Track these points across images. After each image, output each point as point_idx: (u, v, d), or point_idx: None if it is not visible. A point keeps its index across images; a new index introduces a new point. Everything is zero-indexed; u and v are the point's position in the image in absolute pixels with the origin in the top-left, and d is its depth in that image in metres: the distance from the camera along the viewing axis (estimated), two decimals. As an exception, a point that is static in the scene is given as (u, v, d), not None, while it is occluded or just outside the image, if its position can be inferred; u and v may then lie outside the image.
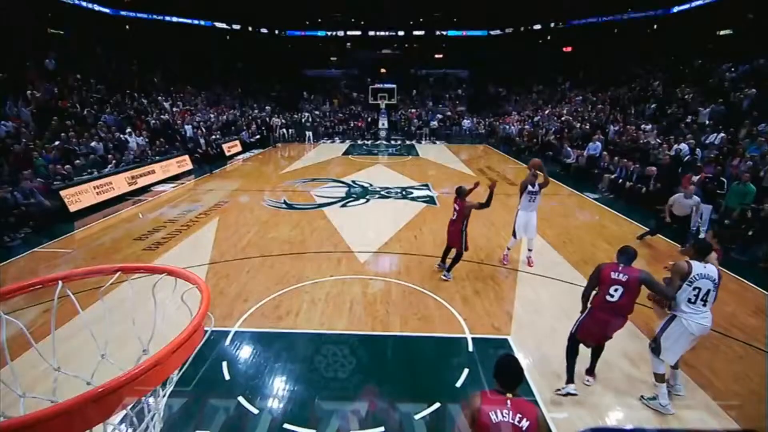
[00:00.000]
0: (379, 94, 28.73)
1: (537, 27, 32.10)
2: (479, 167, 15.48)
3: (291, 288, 5.73)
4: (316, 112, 27.38)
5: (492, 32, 33.71)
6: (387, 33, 34.55)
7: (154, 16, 28.49)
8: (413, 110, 27.96)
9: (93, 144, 11.78)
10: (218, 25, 31.43)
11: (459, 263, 6.08)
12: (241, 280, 5.98)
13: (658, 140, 12.44)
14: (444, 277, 6.01)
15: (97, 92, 16.50)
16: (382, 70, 30.28)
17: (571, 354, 3.73)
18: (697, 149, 10.86)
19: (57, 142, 10.97)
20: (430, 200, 10.55)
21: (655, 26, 26.39)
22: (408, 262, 6.65)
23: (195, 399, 3.57)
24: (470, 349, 4.40)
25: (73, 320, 3.68)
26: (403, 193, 11.29)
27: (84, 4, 24.68)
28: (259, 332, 4.72)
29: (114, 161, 11.70)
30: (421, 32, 34.50)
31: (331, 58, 35.23)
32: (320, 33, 34.65)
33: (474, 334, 4.64)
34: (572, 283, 5.87)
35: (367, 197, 10.85)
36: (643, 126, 14.28)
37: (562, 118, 19.32)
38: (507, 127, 21.99)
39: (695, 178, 8.39)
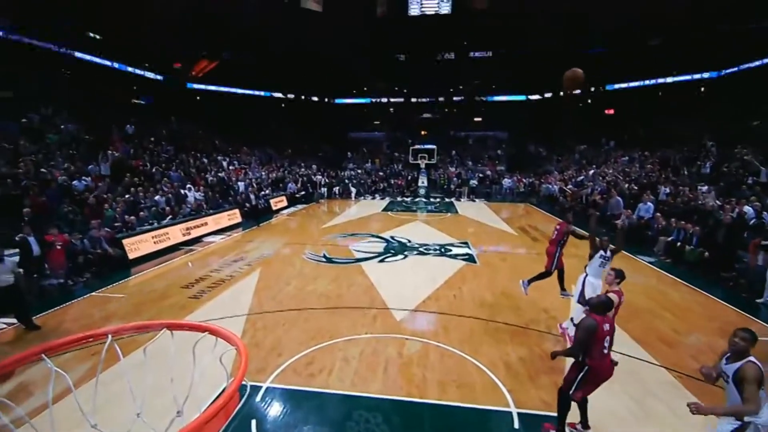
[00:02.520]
0: (420, 154, 29.83)
1: (576, 91, 32.73)
2: (521, 225, 15.09)
3: (325, 344, 5.61)
4: (359, 171, 28.64)
5: (531, 96, 34.77)
6: (428, 99, 36.66)
7: (221, 88, 32.31)
8: (452, 169, 28.50)
9: (156, 198, 12.91)
10: (275, 94, 35.02)
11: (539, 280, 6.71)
12: (276, 333, 5.96)
13: (717, 202, 11.64)
14: (522, 284, 6.74)
15: (165, 152, 18.44)
16: (423, 132, 31.69)
17: (565, 407, 3.70)
18: (764, 212, 9.99)
19: (127, 196, 12.16)
20: (470, 258, 10.29)
21: (703, 88, 26.04)
22: (446, 323, 6.36)
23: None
24: (516, 425, 3.98)
25: (115, 366, 3.78)
26: (442, 250, 11.14)
27: (164, 78, 28.53)
28: (291, 390, 4.57)
29: (171, 214, 12.66)
30: (461, 98, 36.29)
31: (375, 122, 37.53)
32: (365, 100, 37.40)
33: (520, 408, 4.21)
34: (629, 355, 5.28)
35: (405, 253, 10.80)
36: (699, 187, 13.50)
37: (608, 178, 18.77)
38: (549, 186, 21.66)
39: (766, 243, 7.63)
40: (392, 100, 37.03)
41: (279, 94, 35.31)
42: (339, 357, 5.27)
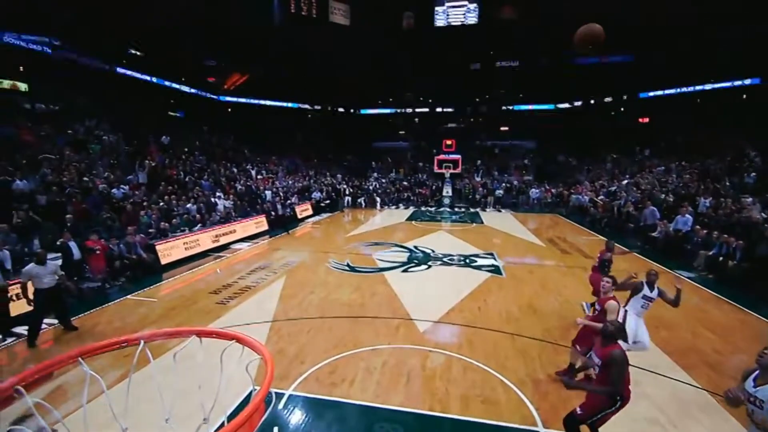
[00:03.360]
0: (444, 163, 29.68)
1: (608, 99, 31.92)
2: (549, 237, 14.66)
3: (347, 353, 5.60)
4: (383, 180, 28.77)
5: (560, 105, 34.10)
6: (453, 109, 36.60)
7: (251, 100, 33.51)
8: (478, 179, 28.18)
9: (188, 205, 13.40)
10: (302, 106, 35.97)
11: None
12: (300, 341, 6.00)
13: (762, 214, 10.92)
14: (583, 305, 6.67)
15: (198, 162, 19.17)
16: (448, 142, 31.54)
17: None
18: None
19: (161, 203, 12.68)
20: (496, 270, 10.07)
21: (744, 95, 24.72)
22: (471, 336, 6.22)
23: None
24: (544, 446, 3.81)
25: (145, 369, 3.90)
26: (466, 261, 10.95)
27: (198, 92, 29.91)
28: (313, 398, 4.57)
29: (201, 221, 13.10)
30: (487, 107, 36.04)
31: (399, 132, 37.75)
32: (390, 110, 37.76)
33: (549, 429, 4.02)
34: (668, 376, 4.98)
35: (429, 263, 10.69)
36: (742, 198, 12.72)
37: (642, 188, 18.01)
38: (579, 197, 20.99)
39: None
40: (417, 110, 37.19)
41: (306, 106, 36.22)
42: (361, 367, 5.24)
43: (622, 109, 32.03)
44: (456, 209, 23.59)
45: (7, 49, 18.17)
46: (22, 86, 18.39)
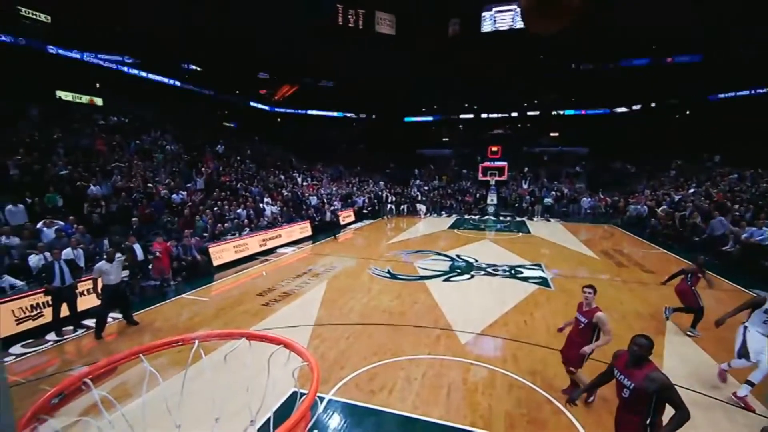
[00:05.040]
0: (489, 171, 28.98)
1: (672, 102, 29.67)
2: (603, 249, 13.73)
3: (387, 361, 5.54)
4: (425, 188, 28.59)
5: (616, 110, 32.18)
6: (499, 115, 35.73)
7: (298, 111, 34.92)
8: (525, 186, 27.18)
9: (239, 210, 14.10)
10: (348, 114, 36.88)
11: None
12: (340, 346, 6.04)
13: None
14: (690, 333, 6.39)
15: (248, 170, 20.19)
16: (493, 149, 30.77)
17: None
18: None
19: (215, 208, 13.46)
20: (543, 282, 9.57)
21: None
22: (516, 350, 5.93)
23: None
24: (597, 474, 3.51)
25: (197, 365, 4.11)
26: (512, 272, 10.53)
27: (250, 103, 31.66)
28: (352, 404, 4.57)
29: (249, 226, 13.73)
30: (536, 113, 34.80)
31: (443, 139, 37.47)
32: (434, 118, 37.61)
33: (602, 455, 3.72)
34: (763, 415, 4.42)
35: (472, 273, 10.40)
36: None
37: (713, 198, 16.40)
38: (638, 206, 19.53)
39: None
40: (462, 116, 36.73)
41: (351, 114, 37.10)
42: (401, 376, 5.16)
43: (687, 112, 29.61)
44: (501, 218, 22.87)
45: (85, 68, 20.35)
46: (98, 101, 20.47)
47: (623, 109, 31.95)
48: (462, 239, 15.71)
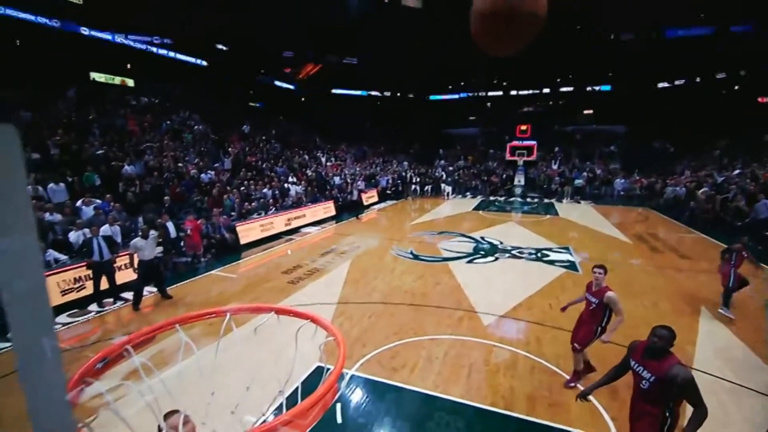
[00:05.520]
0: (518, 150, 28.08)
1: (720, 76, 27.51)
2: (637, 233, 13.17)
3: (409, 340, 5.60)
4: (450, 168, 28.12)
5: (659, 84, 30.18)
6: (530, 91, 34.26)
7: (323, 90, 34.73)
8: (555, 167, 26.23)
9: (264, 190, 14.36)
10: (372, 93, 36.36)
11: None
12: (363, 324, 6.14)
13: None
14: (721, 311, 6.34)
15: (274, 150, 20.42)
16: (522, 128, 29.65)
17: None
18: None
19: (242, 188, 13.76)
20: (571, 266, 9.31)
21: None
22: (540, 334, 5.84)
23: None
24: (620, 460, 3.46)
25: (230, 336, 4.29)
26: (538, 255, 10.29)
27: (276, 83, 31.72)
28: (374, 380, 4.66)
29: (275, 205, 13.97)
30: (570, 88, 33.11)
31: (470, 117, 36.44)
32: (461, 95, 36.51)
33: (627, 441, 3.64)
34: (787, 402, 4.20)
35: (496, 255, 10.24)
36: None
37: (759, 179, 15.29)
38: (676, 188, 18.51)
39: None
40: (490, 93, 35.48)
41: (376, 93, 36.55)
42: (422, 355, 5.20)
43: (736, 87, 27.41)
44: (528, 200, 22.28)
45: (117, 49, 20.86)
46: (130, 82, 21.04)
47: (665, 84, 29.96)
48: (487, 221, 15.45)
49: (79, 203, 9.14)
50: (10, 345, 5.70)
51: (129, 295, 7.17)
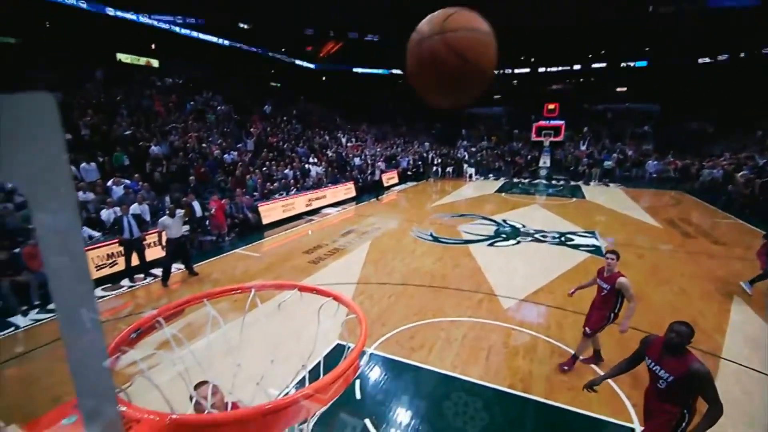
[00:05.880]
0: (544, 131, 27.14)
1: (768, 49, 25.47)
2: (669, 217, 12.63)
3: (428, 321, 5.63)
4: (472, 149, 27.54)
5: (700, 60, 28.25)
6: (559, 68, 32.78)
7: (344, 67, 34.23)
8: (583, 148, 25.28)
9: (286, 171, 14.49)
10: (394, 71, 35.60)
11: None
12: (382, 304, 6.21)
13: None
14: (742, 284, 6.44)
15: (294, 130, 20.48)
16: (550, 106, 28.49)
17: None
18: None
19: (264, 168, 13.93)
20: (596, 250, 9.06)
21: None
22: (561, 318, 5.76)
23: (328, 409, 3.74)
24: (640, 446, 3.42)
25: (254, 311, 4.43)
26: (562, 238, 10.06)
27: (297, 61, 31.50)
28: (392, 359, 4.73)
29: (296, 186, 14.11)
30: (602, 64, 31.43)
31: (495, 96, 35.31)
32: (486, 72, 35.24)
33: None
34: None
35: (518, 239, 10.07)
36: None
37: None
38: (713, 171, 17.56)
39: None
40: (516, 71, 34.14)
41: (398, 71, 35.79)
42: (441, 336, 5.23)
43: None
44: (553, 182, 21.66)
45: (141, 29, 21.09)
46: (155, 62, 21.35)
47: (706, 60, 28.03)
48: (509, 203, 15.16)
49: (109, 183, 9.49)
50: (53, 315, 6.09)
51: (158, 271, 7.47)
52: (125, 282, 7.34)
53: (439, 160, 24.31)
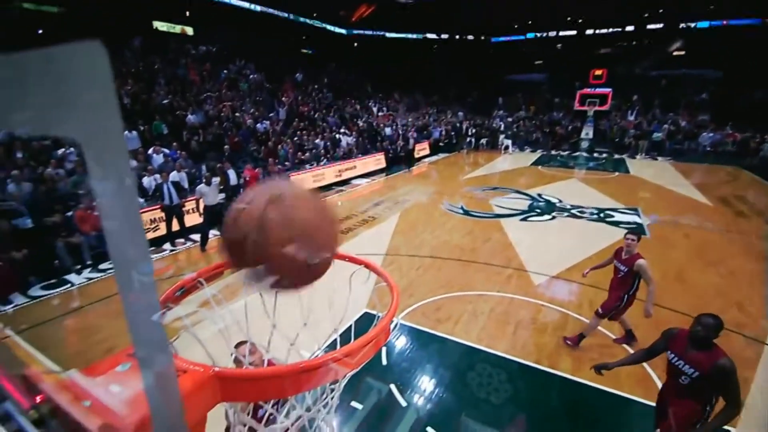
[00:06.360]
0: (589, 99, 25.33)
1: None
2: (722, 195, 11.72)
3: (455, 294, 5.64)
4: (509, 119, 26.35)
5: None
6: (610, 30, 30.12)
7: (376, 32, 33.09)
8: (631, 118, 23.55)
9: (316, 141, 14.53)
10: (429, 35, 34.09)
11: None
12: (410, 276, 6.25)
13: None
14: None
15: (326, 99, 20.31)
16: (597, 72, 26.36)
17: None
18: None
19: (295, 138, 14.02)
20: (638, 228, 8.61)
21: None
22: (594, 297, 5.59)
23: (356, 373, 3.89)
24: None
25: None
26: (601, 215, 9.61)
27: (328, 27, 30.78)
28: (418, 329, 4.80)
29: (325, 157, 14.14)
30: (658, 25, 28.55)
31: (536, 62, 33.18)
32: (528, 35, 33.04)
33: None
34: None
35: (553, 214, 9.72)
36: None
37: None
38: (777, 144, 15.97)
39: None
40: (561, 33, 31.70)
41: (433, 35, 34.25)
42: (468, 310, 5.24)
43: None
44: (596, 154, 20.51)
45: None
46: (189, 30, 21.50)
47: (783, 17, 24.83)
48: (546, 177, 14.57)
49: (150, 151, 9.88)
50: (103, 274, 6.58)
51: (197, 237, 7.85)
52: (167, 246, 7.77)
53: (473, 131, 23.50)
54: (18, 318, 5.29)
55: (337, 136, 16.00)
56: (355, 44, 33.50)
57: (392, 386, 3.83)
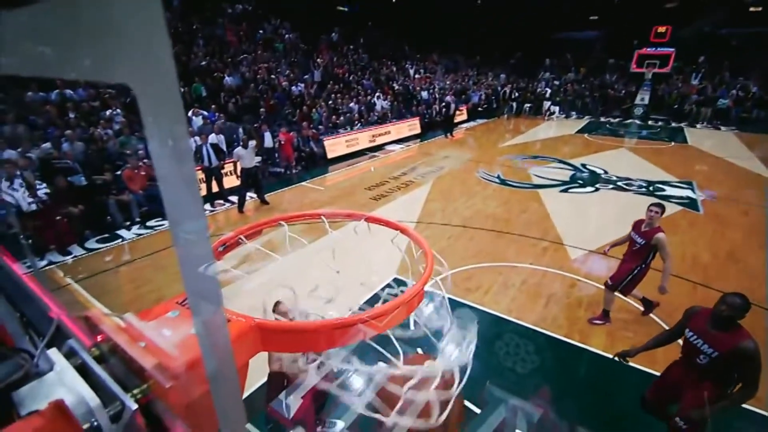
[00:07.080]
0: (647, 60, 22.98)
1: None
2: (789, 169, 10.62)
3: (486, 265, 5.58)
4: (556, 82, 24.66)
5: None
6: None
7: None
8: (695, 82, 21.33)
9: (351, 105, 14.33)
10: (471, -10, 31.78)
11: None
12: (441, 244, 6.23)
13: None
14: None
15: (361, 60, 19.78)
16: (660, 29, 23.57)
17: None
18: None
19: (329, 102, 13.89)
20: (691, 203, 8.03)
21: None
22: (635, 274, 5.36)
23: (383, 334, 4.02)
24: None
25: (324, 237, 4.71)
26: (650, 188, 9.00)
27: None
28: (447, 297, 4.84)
29: (359, 121, 13.95)
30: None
31: (591, 18, 30.25)
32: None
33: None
34: None
35: (597, 186, 9.21)
36: None
37: None
38: None
39: None
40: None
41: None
42: (498, 281, 5.19)
43: None
44: (650, 122, 18.97)
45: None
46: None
47: None
48: (592, 146, 13.72)
49: (189, 113, 10.14)
50: (151, 231, 7.03)
51: (235, 198, 8.15)
52: (207, 206, 8.14)
53: (516, 95, 22.25)
54: (77, 267, 5.82)
55: (372, 100, 15.68)
56: (393, 0, 31.94)
57: (419, 350, 3.93)
